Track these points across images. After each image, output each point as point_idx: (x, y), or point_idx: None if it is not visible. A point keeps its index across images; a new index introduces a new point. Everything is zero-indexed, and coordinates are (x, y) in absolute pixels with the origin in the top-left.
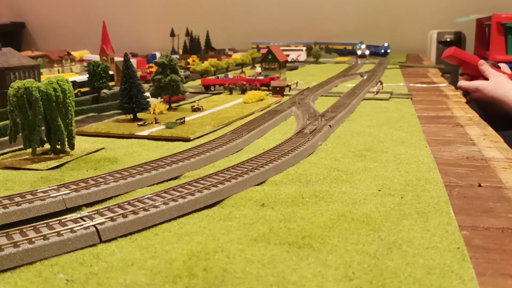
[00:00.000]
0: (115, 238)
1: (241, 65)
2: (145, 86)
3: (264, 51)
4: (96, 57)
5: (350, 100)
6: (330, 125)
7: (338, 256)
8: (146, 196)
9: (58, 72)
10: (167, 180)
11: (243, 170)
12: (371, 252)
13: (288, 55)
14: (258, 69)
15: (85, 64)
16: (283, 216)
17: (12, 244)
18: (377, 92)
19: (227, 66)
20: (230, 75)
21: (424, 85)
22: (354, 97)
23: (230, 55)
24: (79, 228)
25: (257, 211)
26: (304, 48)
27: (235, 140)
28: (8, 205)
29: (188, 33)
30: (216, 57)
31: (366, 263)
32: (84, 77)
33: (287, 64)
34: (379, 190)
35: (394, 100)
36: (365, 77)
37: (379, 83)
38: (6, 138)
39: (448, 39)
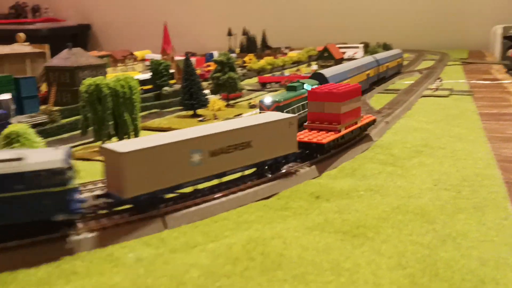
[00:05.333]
0: (178, 225)
1: (297, 63)
2: (203, 84)
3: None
4: (157, 56)
5: (408, 97)
6: (386, 122)
7: (392, 245)
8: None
9: (122, 71)
10: None
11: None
12: (424, 243)
13: (344, 53)
14: (314, 66)
15: (146, 63)
16: (338, 208)
17: None
18: (436, 89)
19: (283, 64)
20: (286, 72)
21: (487, 82)
22: (411, 94)
23: (286, 53)
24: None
25: (312, 203)
26: (361, 45)
27: None
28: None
29: (244, 32)
30: (272, 55)
31: (419, 253)
32: (147, 75)
33: (344, 62)
34: (435, 185)
35: (454, 97)
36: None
37: (439, 80)
38: (78, 131)
39: None
